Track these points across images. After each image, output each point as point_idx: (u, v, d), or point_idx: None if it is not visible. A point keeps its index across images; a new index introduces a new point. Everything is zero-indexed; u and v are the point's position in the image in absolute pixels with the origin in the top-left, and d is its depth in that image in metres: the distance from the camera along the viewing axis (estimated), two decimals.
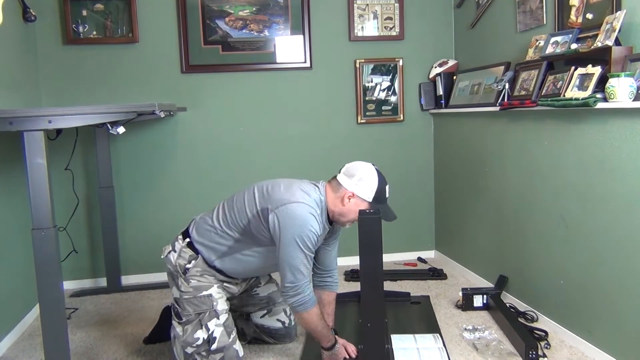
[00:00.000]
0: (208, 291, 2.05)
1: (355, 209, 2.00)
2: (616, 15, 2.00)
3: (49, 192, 1.85)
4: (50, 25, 3.11)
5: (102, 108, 2.01)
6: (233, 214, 2.07)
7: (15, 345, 2.48)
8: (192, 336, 2.02)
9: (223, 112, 3.34)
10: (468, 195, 3.16)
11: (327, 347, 2.09)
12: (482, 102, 2.87)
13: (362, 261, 1.90)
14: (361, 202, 2.02)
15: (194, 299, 2.04)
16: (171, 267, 2.11)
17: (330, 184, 2.09)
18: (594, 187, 2.11)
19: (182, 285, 2.06)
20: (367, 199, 2.02)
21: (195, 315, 2.04)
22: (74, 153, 3.10)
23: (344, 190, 2.02)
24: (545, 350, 2.22)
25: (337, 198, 2.04)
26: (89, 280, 3.30)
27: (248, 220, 2.02)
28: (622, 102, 1.86)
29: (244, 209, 2.04)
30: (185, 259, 2.08)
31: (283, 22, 3.34)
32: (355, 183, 2.02)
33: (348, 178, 2.03)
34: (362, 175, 2.02)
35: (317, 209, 2.00)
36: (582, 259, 2.20)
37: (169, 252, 2.14)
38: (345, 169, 2.07)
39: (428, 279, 3.19)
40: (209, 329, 2.02)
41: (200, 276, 2.07)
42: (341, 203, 2.03)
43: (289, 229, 1.92)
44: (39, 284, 1.87)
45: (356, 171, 2.03)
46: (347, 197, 2.01)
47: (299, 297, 1.97)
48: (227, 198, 2.17)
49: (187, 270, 2.07)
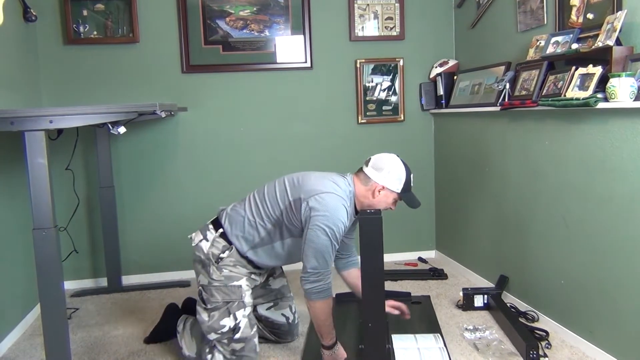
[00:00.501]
0: (239, 282, 2.11)
1: (384, 200, 2.12)
2: (617, 15, 2.00)
3: (50, 192, 1.85)
4: (50, 25, 3.11)
5: (103, 108, 2.00)
6: (265, 205, 2.13)
7: (16, 345, 2.48)
8: (218, 323, 2.06)
9: (223, 112, 3.34)
10: (469, 195, 3.16)
11: (328, 345, 2.11)
12: (483, 102, 2.87)
13: (364, 261, 1.90)
14: (390, 194, 2.13)
15: (224, 288, 2.09)
16: (202, 256, 2.14)
17: (358, 176, 2.16)
18: (594, 187, 2.11)
19: (213, 273, 2.10)
20: (396, 190, 2.12)
21: (224, 304, 2.08)
22: (75, 153, 3.10)
23: (374, 184, 2.11)
24: (546, 350, 2.22)
25: (367, 191, 2.12)
26: (90, 280, 3.30)
27: (281, 211, 2.09)
28: (623, 102, 1.86)
29: (276, 200, 2.11)
30: (218, 249, 2.13)
31: (283, 22, 3.34)
32: (384, 176, 2.10)
33: (377, 171, 2.12)
34: (390, 167, 2.12)
35: (347, 200, 2.07)
36: (583, 259, 2.20)
37: (201, 240, 2.17)
38: (372, 163, 2.14)
39: (429, 279, 3.19)
40: (236, 317, 2.08)
41: (233, 266, 2.12)
42: (372, 195, 2.11)
43: (319, 218, 1.98)
44: (40, 284, 1.86)
45: (384, 164, 2.12)
46: (378, 190, 2.11)
47: (320, 284, 2.01)
48: (256, 189, 2.22)
49: (221, 259, 2.11)
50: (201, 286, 2.15)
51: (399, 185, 2.12)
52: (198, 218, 3.34)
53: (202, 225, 2.26)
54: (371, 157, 2.17)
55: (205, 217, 3.33)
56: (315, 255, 1.99)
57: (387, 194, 2.12)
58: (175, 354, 2.30)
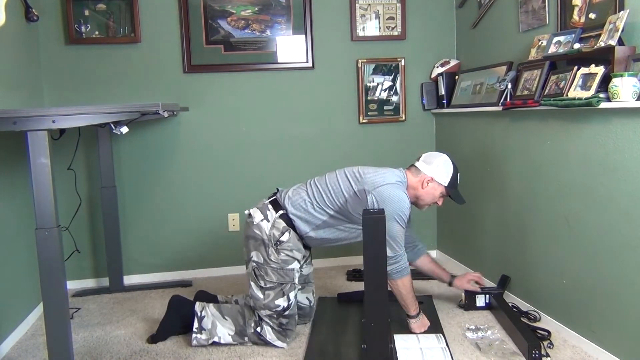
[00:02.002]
0: (293, 265, 2.30)
1: (432, 192, 2.35)
2: (619, 15, 2.00)
3: (53, 192, 1.86)
4: (52, 25, 3.11)
5: (106, 108, 2.01)
6: (329, 193, 2.31)
7: (18, 344, 2.48)
8: (274, 302, 2.27)
9: (225, 112, 3.34)
10: (470, 195, 3.15)
11: (414, 315, 2.35)
12: (485, 102, 2.87)
13: (367, 261, 1.90)
14: (438, 186, 2.35)
15: (280, 270, 2.28)
16: (262, 235, 2.29)
17: (409, 170, 2.39)
18: (597, 186, 2.11)
19: (272, 254, 2.28)
20: (444, 183, 2.35)
21: (278, 285, 2.28)
22: (76, 153, 3.10)
23: (423, 175, 2.34)
24: (548, 349, 2.22)
25: (417, 182, 2.34)
26: (91, 280, 3.30)
27: (345, 199, 2.28)
28: (626, 101, 1.86)
29: (339, 189, 2.30)
30: (279, 229, 2.28)
31: (285, 22, 3.34)
32: (433, 169, 2.34)
33: (427, 165, 2.35)
34: (440, 162, 2.35)
35: (405, 189, 2.30)
36: (585, 259, 2.20)
37: (262, 220, 2.30)
38: (423, 158, 2.39)
39: (430, 279, 3.17)
40: (289, 299, 2.29)
41: (290, 251, 2.29)
42: (421, 186, 2.34)
43: (387, 208, 2.15)
44: (43, 283, 1.87)
45: (434, 159, 2.36)
46: (426, 181, 2.33)
47: (398, 265, 2.22)
48: (315, 177, 2.42)
49: (280, 243, 2.28)
50: (255, 262, 2.30)
51: (446, 178, 2.34)
52: (199, 217, 3.36)
53: (260, 203, 2.39)
54: (422, 154, 2.41)
55: (206, 216, 3.37)
56: (389, 243, 2.15)
57: (435, 186, 2.34)
58: (176, 354, 2.30)
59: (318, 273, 3.33)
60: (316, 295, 2.66)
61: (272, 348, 2.32)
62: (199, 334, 2.31)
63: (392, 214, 2.18)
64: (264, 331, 2.29)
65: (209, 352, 2.30)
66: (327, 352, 2.25)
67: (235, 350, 2.31)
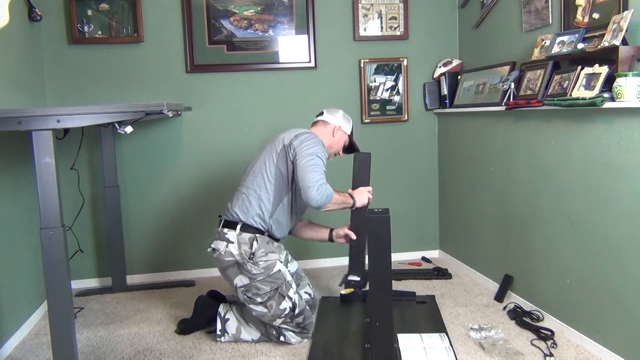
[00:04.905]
0: (276, 267, 2.29)
1: (339, 141, 2.52)
2: (623, 15, 2.00)
3: (57, 192, 1.86)
4: (55, 25, 3.12)
5: (110, 107, 2.01)
6: (258, 171, 2.34)
7: (22, 344, 2.48)
8: (279, 309, 2.26)
9: (228, 111, 3.34)
10: (473, 195, 3.16)
11: (352, 201, 2.41)
12: (487, 102, 2.87)
13: (371, 261, 1.91)
14: (343, 135, 2.53)
15: (268, 278, 2.26)
16: (236, 258, 2.27)
17: (315, 126, 2.53)
18: (600, 186, 2.11)
19: (252, 269, 2.25)
20: (347, 132, 2.54)
21: (274, 292, 2.26)
22: (80, 153, 3.10)
23: (332, 125, 2.50)
24: (551, 349, 2.23)
25: (328, 132, 2.49)
26: (94, 280, 3.31)
27: (274, 163, 2.32)
28: (630, 101, 1.86)
29: (270, 158, 2.33)
30: (246, 243, 2.27)
31: (288, 22, 3.34)
32: (339, 119, 2.53)
33: (332, 116, 2.53)
34: (342, 114, 2.56)
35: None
36: (588, 258, 2.20)
37: (226, 246, 2.28)
38: (326, 111, 2.55)
39: (433, 279, 3.19)
40: (290, 297, 2.28)
41: (266, 255, 2.28)
42: (332, 135, 2.49)
43: (310, 147, 2.25)
44: (47, 283, 1.87)
45: (336, 112, 2.55)
46: (336, 129, 2.50)
47: (323, 189, 2.19)
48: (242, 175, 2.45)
49: (254, 255, 2.26)
50: (243, 287, 2.27)
51: (349, 128, 2.55)
52: (202, 217, 3.36)
53: (215, 234, 2.35)
54: (323, 110, 2.56)
55: (207, 216, 3.36)
56: (313, 170, 2.19)
57: (342, 135, 2.52)
58: (180, 353, 2.31)
59: (320, 273, 3.34)
60: (315, 291, 2.67)
61: (276, 347, 2.33)
62: (222, 336, 2.37)
63: (313, 151, 2.23)
64: (288, 338, 2.32)
65: (212, 352, 2.30)
66: (330, 351, 2.26)
67: (239, 350, 2.32)
